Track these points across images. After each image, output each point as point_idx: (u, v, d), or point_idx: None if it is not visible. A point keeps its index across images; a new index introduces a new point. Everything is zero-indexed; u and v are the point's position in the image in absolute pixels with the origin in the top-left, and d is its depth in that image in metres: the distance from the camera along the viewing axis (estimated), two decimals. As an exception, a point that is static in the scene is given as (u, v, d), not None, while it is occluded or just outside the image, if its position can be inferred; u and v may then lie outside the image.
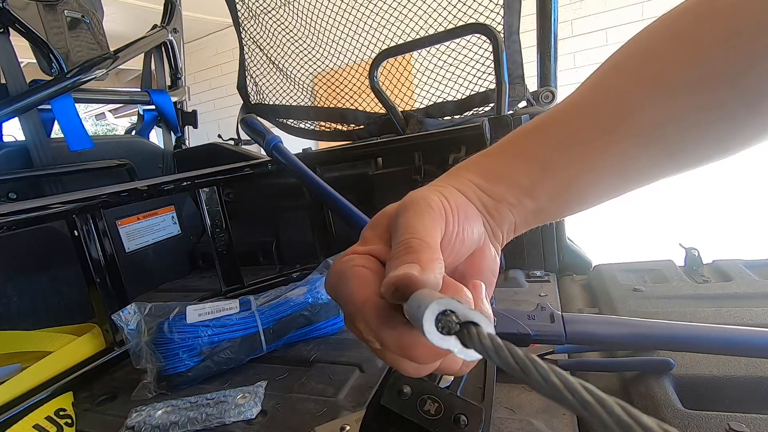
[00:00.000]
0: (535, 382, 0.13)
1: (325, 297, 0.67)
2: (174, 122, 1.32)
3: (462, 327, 0.16)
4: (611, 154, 0.25)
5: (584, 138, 0.25)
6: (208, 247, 1.01)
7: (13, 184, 0.90)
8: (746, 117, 0.22)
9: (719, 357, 0.44)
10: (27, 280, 0.85)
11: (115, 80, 4.74)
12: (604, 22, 2.90)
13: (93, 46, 1.06)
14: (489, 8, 0.92)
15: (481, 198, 0.26)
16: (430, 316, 0.16)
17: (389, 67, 1.07)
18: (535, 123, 0.27)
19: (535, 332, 0.45)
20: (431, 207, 0.24)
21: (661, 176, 0.26)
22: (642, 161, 0.25)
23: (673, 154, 0.25)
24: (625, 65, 0.25)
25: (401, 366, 0.22)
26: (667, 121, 0.23)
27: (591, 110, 0.25)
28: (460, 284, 0.22)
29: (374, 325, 0.21)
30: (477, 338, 0.15)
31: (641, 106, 0.24)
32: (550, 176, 0.26)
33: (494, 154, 0.28)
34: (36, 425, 0.51)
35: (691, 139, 0.24)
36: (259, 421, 0.49)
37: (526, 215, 0.27)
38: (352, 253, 0.24)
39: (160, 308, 0.61)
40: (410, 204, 0.24)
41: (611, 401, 0.11)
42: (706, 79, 0.22)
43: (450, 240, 0.24)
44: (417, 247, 0.21)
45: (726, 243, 2.07)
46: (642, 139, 0.24)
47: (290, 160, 0.81)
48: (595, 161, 0.25)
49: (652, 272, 0.70)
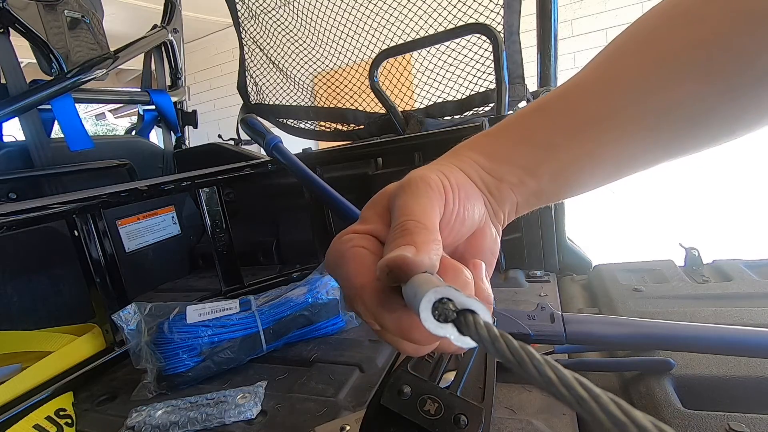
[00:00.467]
0: (530, 375, 0.13)
1: (325, 297, 0.67)
2: (174, 122, 1.32)
3: (459, 315, 0.16)
4: (614, 137, 0.25)
5: (587, 120, 0.25)
6: (208, 247, 1.01)
7: (13, 184, 0.90)
8: (754, 100, 0.22)
9: (719, 357, 0.44)
10: (27, 280, 0.85)
11: (115, 80, 4.74)
12: (604, 22, 2.91)
13: (93, 46, 1.06)
14: (489, 8, 0.92)
15: (483, 178, 0.26)
16: (427, 304, 0.16)
17: (389, 67, 1.07)
18: (539, 104, 0.27)
19: (535, 332, 0.45)
20: (430, 187, 0.23)
21: (665, 159, 0.26)
22: (645, 144, 0.25)
23: (678, 137, 0.24)
24: (628, 47, 0.25)
25: (400, 346, 0.23)
26: (671, 103, 0.23)
27: (593, 93, 0.25)
28: (460, 265, 0.22)
29: (373, 309, 0.21)
30: (473, 327, 0.15)
31: (645, 89, 0.23)
32: (552, 157, 0.26)
33: (497, 134, 0.28)
34: (36, 425, 0.51)
35: (695, 122, 0.23)
36: (259, 421, 0.49)
37: (527, 195, 0.27)
38: (351, 232, 0.24)
39: (160, 308, 0.61)
40: (408, 184, 0.24)
41: (606, 398, 0.11)
42: (713, 61, 0.21)
43: (450, 220, 0.24)
44: (413, 229, 0.21)
45: (726, 243, 2.07)
46: (645, 122, 0.24)
47: (290, 160, 0.81)
48: (598, 143, 0.25)
49: (652, 272, 0.70)
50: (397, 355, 0.59)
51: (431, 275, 0.19)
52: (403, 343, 0.22)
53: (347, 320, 0.68)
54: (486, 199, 0.26)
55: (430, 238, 0.21)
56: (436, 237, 0.22)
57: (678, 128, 0.24)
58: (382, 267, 0.20)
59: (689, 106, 0.23)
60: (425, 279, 0.18)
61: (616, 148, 0.25)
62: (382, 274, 0.20)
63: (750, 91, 0.22)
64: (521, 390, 0.46)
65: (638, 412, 0.11)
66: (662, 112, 0.23)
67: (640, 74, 0.23)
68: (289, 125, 1.23)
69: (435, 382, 0.35)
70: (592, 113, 0.25)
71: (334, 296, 0.68)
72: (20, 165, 0.93)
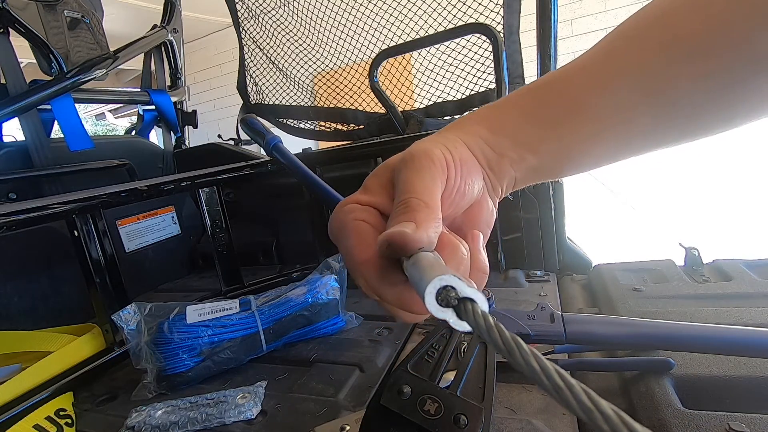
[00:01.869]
0: (518, 363, 0.14)
1: (325, 297, 0.67)
2: (174, 122, 1.32)
3: (460, 302, 0.17)
4: (615, 121, 0.25)
5: (588, 101, 0.25)
6: (208, 247, 1.01)
7: (13, 184, 0.90)
8: (752, 88, 0.22)
9: (719, 357, 0.44)
10: (27, 280, 0.85)
11: (115, 80, 4.74)
12: (603, 22, 2.91)
13: (93, 46, 1.06)
14: (489, 8, 0.92)
15: (485, 151, 0.27)
16: (432, 290, 0.17)
17: (389, 67, 1.07)
18: (546, 80, 0.27)
19: (535, 332, 0.45)
20: (433, 162, 0.24)
21: (664, 143, 0.26)
22: (645, 128, 0.25)
23: (676, 123, 0.25)
24: (633, 32, 0.25)
25: (398, 315, 0.24)
26: (671, 89, 0.23)
27: (595, 75, 0.25)
28: (457, 242, 0.23)
29: (373, 283, 0.23)
30: (472, 315, 0.17)
31: (646, 74, 0.23)
32: (554, 136, 0.26)
33: (503, 107, 0.28)
34: (36, 425, 0.51)
35: (694, 110, 0.24)
36: (259, 421, 0.49)
37: (526, 171, 0.27)
38: (354, 202, 0.25)
39: (160, 308, 0.61)
40: (412, 159, 0.25)
41: (579, 388, 0.12)
42: (719, 43, 0.21)
43: (451, 194, 0.25)
44: (414, 206, 0.22)
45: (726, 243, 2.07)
46: (644, 107, 0.24)
47: (290, 160, 0.81)
48: (599, 125, 0.25)
49: (652, 272, 0.70)
50: (397, 355, 0.59)
51: (435, 257, 0.20)
52: (401, 312, 0.23)
53: (347, 320, 0.68)
54: (485, 173, 0.27)
55: (431, 216, 0.22)
56: (437, 215, 0.22)
57: (676, 114, 0.24)
58: (382, 241, 0.21)
59: (689, 92, 0.23)
60: (430, 262, 0.19)
61: (616, 131, 0.25)
62: (382, 248, 0.21)
63: (749, 78, 0.22)
64: (521, 390, 0.46)
65: (603, 402, 0.12)
66: (662, 97, 0.23)
67: (642, 59, 0.24)
68: (289, 125, 1.23)
69: (435, 382, 0.35)
70: (593, 95, 0.25)
71: (334, 296, 0.68)
72: (20, 165, 0.93)
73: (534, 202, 0.81)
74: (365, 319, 0.70)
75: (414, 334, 0.65)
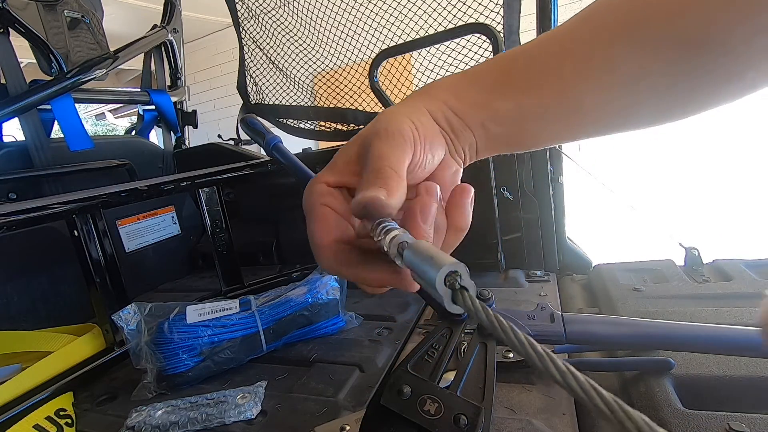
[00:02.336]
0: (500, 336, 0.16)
1: (325, 297, 0.67)
2: (174, 122, 1.32)
3: (460, 288, 0.20)
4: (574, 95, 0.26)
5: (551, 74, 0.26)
6: (208, 247, 1.01)
7: (13, 184, 0.90)
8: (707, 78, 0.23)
9: (719, 357, 0.44)
10: (27, 280, 0.85)
11: (115, 80, 4.74)
12: (604, 22, 2.90)
13: (93, 46, 1.06)
14: (489, 8, 0.92)
15: (449, 117, 0.28)
16: (442, 276, 0.20)
17: (389, 67, 1.07)
18: (516, 50, 0.28)
19: (535, 332, 0.45)
20: (404, 139, 0.26)
21: (630, 125, 0.27)
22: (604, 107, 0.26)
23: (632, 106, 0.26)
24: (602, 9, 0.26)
25: (361, 287, 0.27)
26: (633, 72, 0.24)
27: (558, 50, 0.26)
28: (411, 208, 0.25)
29: (332, 264, 0.26)
30: (469, 300, 0.19)
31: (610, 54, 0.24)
32: (516, 105, 0.27)
33: (470, 76, 0.29)
34: (36, 425, 0.51)
35: (651, 95, 0.25)
36: (259, 421, 0.49)
37: (487, 139, 0.29)
38: (323, 182, 0.28)
39: (160, 308, 0.61)
40: (386, 134, 0.26)
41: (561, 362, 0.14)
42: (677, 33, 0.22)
43: (414, 168, 0.27)
44: (388, 174, 0.24)
45: (726, 243, 2.07)
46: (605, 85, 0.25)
47: (290, 160, 0.81)
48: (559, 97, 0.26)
49: (652, 272, 0.71)
50: (397, 355, 0.59)
51: (431, 245, 0.22)
52: (362, 285, 0.27)
53: (347, 320, 0.68)
54: (448, 137, 0.28)
55: (401, 185, 0.24)
56: (404, 185, 0.25)
57: (634, 98, 0.25)
58: (358, 204, 0.23)
59: (647, 78, 0.24)
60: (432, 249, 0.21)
61: (574, 106, 0.26)
62: (357, 209, 0.23)
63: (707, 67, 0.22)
64: (521, 390, 0.46)
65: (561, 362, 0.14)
66: (624, 78, 0.24)
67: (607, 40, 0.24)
68: (289, 125, 1.23)
69: (435, 382, 0.35)
70: (556, 68, 0.26)
71: (334, 296, 0.68)
72: (20, 165, 0.93)
73: (534, 202, 0.81)
74: (365, 319, 0.70)
75: (414, 334, 0.65)
